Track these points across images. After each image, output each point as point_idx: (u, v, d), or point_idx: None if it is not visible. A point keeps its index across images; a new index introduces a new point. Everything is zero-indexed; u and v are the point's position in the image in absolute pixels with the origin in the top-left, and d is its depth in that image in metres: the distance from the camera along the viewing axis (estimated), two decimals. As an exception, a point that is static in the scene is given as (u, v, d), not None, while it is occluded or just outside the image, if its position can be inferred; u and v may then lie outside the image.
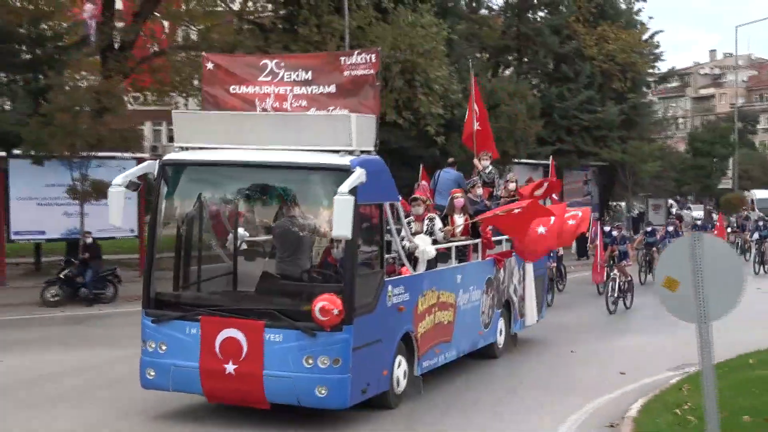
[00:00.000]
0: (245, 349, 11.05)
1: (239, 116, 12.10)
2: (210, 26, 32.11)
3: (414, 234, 13.15)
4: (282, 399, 11.00)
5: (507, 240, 15.75)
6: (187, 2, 32.40)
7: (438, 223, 13.92)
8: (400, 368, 12.16)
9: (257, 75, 12.61)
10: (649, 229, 28.21)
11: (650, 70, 48.92)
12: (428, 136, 30.17)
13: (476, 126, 17.89)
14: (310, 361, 10.86)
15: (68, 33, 30.55)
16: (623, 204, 52.96)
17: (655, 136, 50.16)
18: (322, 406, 10.98)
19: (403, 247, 12.48)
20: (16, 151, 26.05)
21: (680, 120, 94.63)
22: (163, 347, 11.42)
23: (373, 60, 12.41)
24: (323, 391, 10.76)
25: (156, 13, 31.75)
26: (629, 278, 22.11)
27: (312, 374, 10.84)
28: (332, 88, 12.50)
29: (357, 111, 11.92)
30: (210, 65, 12.64)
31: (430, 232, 13.68)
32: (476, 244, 14.91)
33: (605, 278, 22.24)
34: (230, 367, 11.00)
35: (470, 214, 14.88)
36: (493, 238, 15.19)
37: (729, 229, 35.93)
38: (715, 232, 30.07)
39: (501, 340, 15.87)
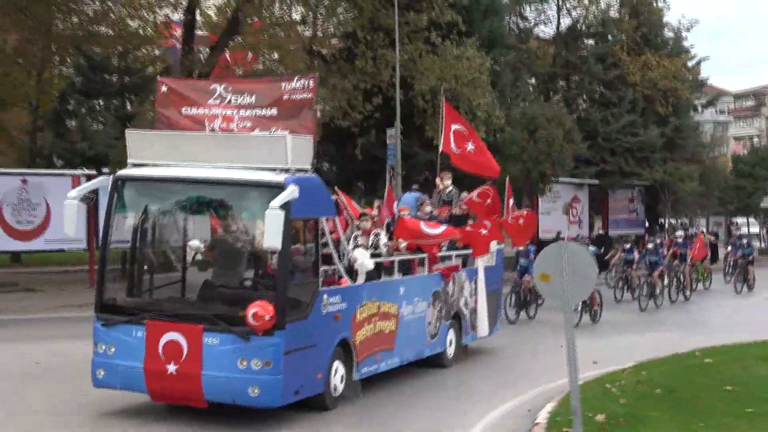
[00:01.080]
0: (185, 351, 11.76)
1: (187, 136, 12.93)
2: (281, 56, 34.80)
3: (358, 247, 13.86)
4: (218, 398, 11.72)
5: (457, 256, 16.41)
6: (263, 32, 34.87)
7: (383, 238, 14.63)
8: (338, 373, 12.84)
9: (207, 98, 13.40)
10: (627, 246, 27.86)
11: (696, 94, 50.46)
12: None
13: (470, 147, 18.45)
14: (244, 363, 11.55)
15: (153, 63, 35.15)
16: (686, 220, 55.13)
17: (706, 156, 51.46)
18: (255, 405, 11.68)
19: (347, 261, 13.25)
20: (105, 170, 28.26)
21: (755, 139, 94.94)
22: (112, 349, 12.16)
23: (311, 85, 13.20)
24: (256, 391, 11.46)
25: (235, 39, 34.60)
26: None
27: (245, 375, 11.55)
28: (274, 111, 13.23)
29: (296, 132, 12.64)
30: (164, 88, 13.47)
31: (375, 246, 14.36)
32: (424, 258, 15.50)
33: None
34: (172, 368, 11.72)
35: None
36: (441, 253, 15.92)
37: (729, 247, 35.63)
38: (695, 251, 29.81)
39: (451, 350, 16.42)
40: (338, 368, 12.90)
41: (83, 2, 31.87)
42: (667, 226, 50.16)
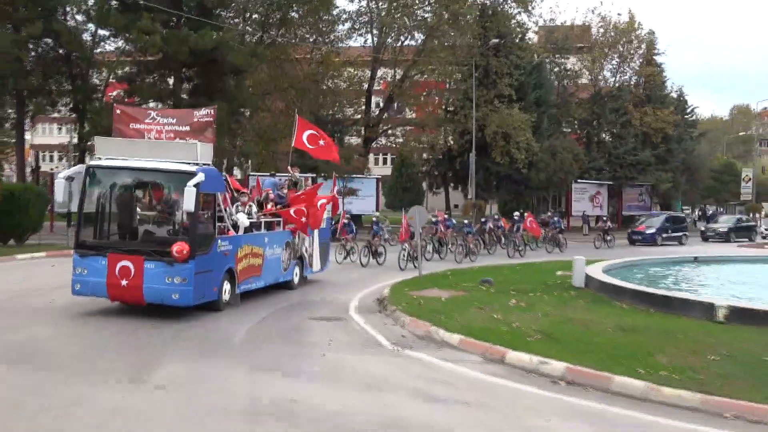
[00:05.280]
0: (132, 272, 16.77)
1: (134, 141, 18.39)
2: (424, 115, 64.67)
3: (239, 212, 19.58)
4: (153, 300, 16.92)
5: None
6: (414, 98, 64.69)
7: (255, 208, 21.05)
8: (226, 288, 18.35)
9: (145, 118, 19.12)
10: (466, 221, 38.06)
11: (691, 129, 78.35)
12: (519, 168, 58.56)
13: (310, 146, 24.89)
14: (170, 279, 16.65)
15: (352, 113, 63.63)
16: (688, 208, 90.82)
17: (695, 166, 77.53)
18: (177, 305, 16.90)
19: (231, 220, 19.00)
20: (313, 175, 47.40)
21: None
22: (85, 271, 17.13)
23: (212, 113, 19.45)
24: (176, 296, 16.71)
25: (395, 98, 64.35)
26: (413, 250, 30.64)
27: (170, 286, 16.67)
28: (188, 128, 19.05)
29: (203, 141, 18.37)
30: (118, 111, 19.31)
31: (249, 213, 20.31)
32: (279, 221, 22.12)
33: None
34: (124, 282, 16.82)
35: (276, 203, 22.12)
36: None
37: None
38: (526, 224, 40.47)
39: (296, 279, 23.35)
40: (226, 285, 18.40)
41: (318, 84, 57.80)
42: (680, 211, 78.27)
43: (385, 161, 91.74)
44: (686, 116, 77.05)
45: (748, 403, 10.74)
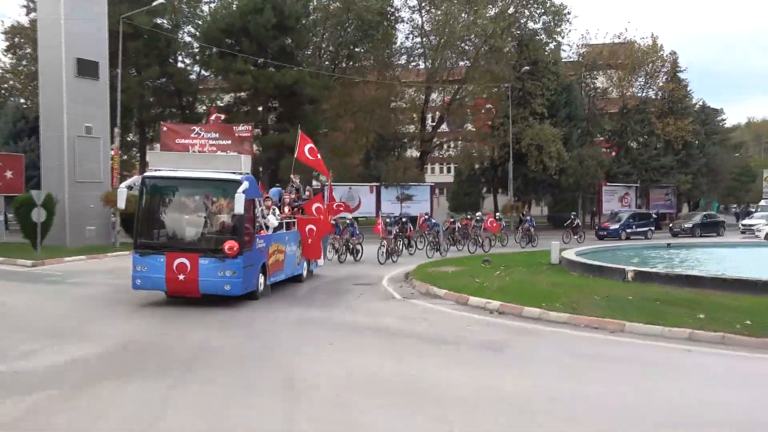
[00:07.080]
0: (189, 267, 18.10)
1: (184, 155, 20.44)
2: (475, 130, 74.35)
3: (268, 215, 21.37)
4: (208, 292, 18.32)
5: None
6: (463, 116, 76.48)
7: (277, 211, 22.66)
8: (261, 280, 19.98)
9: (190, 134, 22.05)
10: (433, 220, 41.19)
11: (714, 135, 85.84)
12: (551, 174, 66.76)
13: (310, 157, 26.73)
14: (221, 273, 18.08)
15: (413, 130, 73.41)
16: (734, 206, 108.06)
17: (717, 167, 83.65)
18: (228, 294, 18.45)
19: (264, 222, 20.88)
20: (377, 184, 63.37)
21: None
22: (145, 268, 18.45)
23: (250, 128, 22.52)
24: (228, 287, 18.21)
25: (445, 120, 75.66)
26: (392, 246, 34.39)
27: (222, 279, 18.12)
28: (229, 141, 21.99)
29: (242, 153, 20.57)
30: (165, 128, 22.44)
31: (274, 215, 21.96)
32: (295, 222, 23.99)
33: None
34: (181, 277, 18.16)
35: (291, 207, 24.55)
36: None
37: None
38: (487, 223, 44.17)
39: (305, 273, 25.30)
40: (261, 278, 20.11)
41: (382, 107, 68.02)
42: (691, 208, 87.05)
43: (449, 170, 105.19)
44: (707, 125, 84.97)
45: (594, 318, 16.85)
